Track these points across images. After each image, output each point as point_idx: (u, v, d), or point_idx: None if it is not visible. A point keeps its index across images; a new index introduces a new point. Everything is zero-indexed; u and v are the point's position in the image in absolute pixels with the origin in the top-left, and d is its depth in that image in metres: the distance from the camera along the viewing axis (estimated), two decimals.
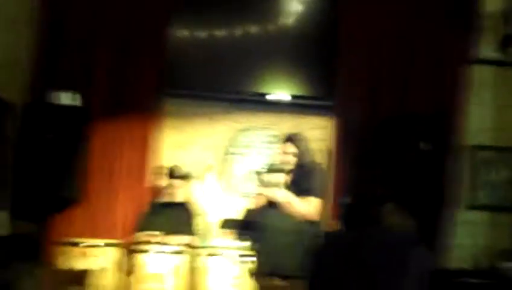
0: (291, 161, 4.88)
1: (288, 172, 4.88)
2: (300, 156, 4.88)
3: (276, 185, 4.78)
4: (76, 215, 5.46)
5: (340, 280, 2.95)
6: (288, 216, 4.80)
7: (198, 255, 5.04)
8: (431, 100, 5.63)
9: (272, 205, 4.88)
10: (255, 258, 4.81)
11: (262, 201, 4.93)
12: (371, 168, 5.44)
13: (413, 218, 4.30)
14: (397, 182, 5.17)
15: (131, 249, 4.93)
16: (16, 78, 5.59)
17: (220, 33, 5.80)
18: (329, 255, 3.09)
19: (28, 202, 5.43)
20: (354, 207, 3.37)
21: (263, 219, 4.93)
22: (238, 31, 5.81)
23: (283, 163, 4.88)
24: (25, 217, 5.45)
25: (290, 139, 4.94)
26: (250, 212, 5.39)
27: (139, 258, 4.79)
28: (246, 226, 5.38)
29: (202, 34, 5.80)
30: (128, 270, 4.79)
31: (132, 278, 4.75)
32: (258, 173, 5.03)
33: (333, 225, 4.84)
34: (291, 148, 4.89)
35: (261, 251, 4.86)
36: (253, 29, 5.80)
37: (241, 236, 5.20)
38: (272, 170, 4.95)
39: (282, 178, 4.81)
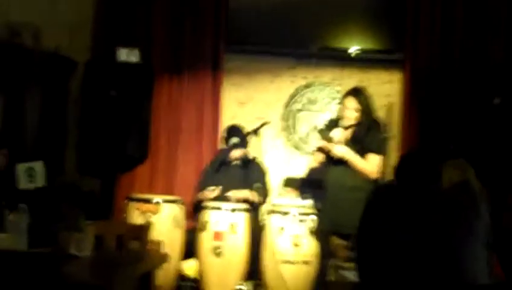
0: (353, 116, 4.67)
1: (349, 128, 4.69)
2: (362, 111, 4.66)
3: (335, 141, 4.60)
4: (139, 172, 5.49)
5: (392, 237, 2.79)
6: (349, 173, 4.63)
7: (259, 213, 5.00)
8: (506, 51, 5.26)
9: (333, 162, 4.72)
10: (316, 217, 4.70)
11: (322, 158, 4.77)
12: (440, 123, 5.17)
13: (482, 175, 4.06)
14: (467, 138, 4.90)
15: (201, 207, 4.91)
16: (78, 37, 5.65)
17: None
18: (379, 210, 2.92)
19: (94, 158, 5.53)
20: (408, 160, 3.18)
21: (324, 176, 4.79)
22: None
23: (345, 118, 4.69)
24: (91, 173, 5.57)
25: (353, 93, 4.72)
26: (312, 170, 5.26)
27: (206, 215, 4.77)
28: (308, 184, 5.26)
29: None
30: (199, 227, 4.77)
31: (201, 235, 4.73)
32: (318, 129, 4.87)
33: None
34: (353, 103, 4.68)
35: (323, 209, 4.74)
36: None
37: (304, 194, 5.09)
38: (331, 125, 4.78)
39: (341, 134, 4.63)
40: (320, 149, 4.75)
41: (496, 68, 5.13)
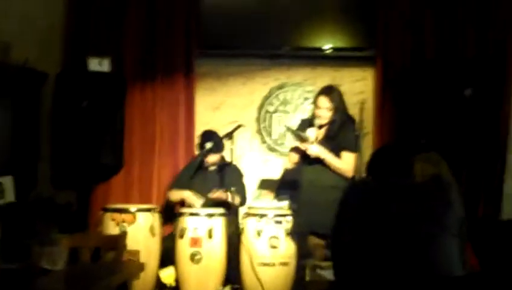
0: (326, 115, 4.66)
1: (322, 126, 4.69)
2: (335, 109, 4.66)
3: (310, 140, 4.59)
4: (114, 182, 5.45)
5: (365, 233, 2.79)
6: (324, 173, 4.63)
7: (238, 217, 4.98)
8: (477, 43, 5.28)
9: (308, 161, 4.71)
10: (292, 218, 4.69)
11: (296, 158, 4.77)
12: (412, 117, 5.18)
13: (456, 168, 4.06)
14: (439, 131, 4.91)
15: (178, 213, 4.89)
16: (49, 49, 5.60)
17: None
18: (354, 205, 2.92)
19: (68, 171, 5.47)
20: (380, 155, 3.18)
21: (300, 177, 4.78)
22: None
23: (318, 117, 4.68)
24: (66, 185, 5.52)
25: (325, 92, 4.71)
26: (287, 171, 5.25)
27: (184, 221, 4.74)
28: (284, 186, 5.25)
29: None
30: (177, 234, 4.74)
31: (179, 242, 4.70)
32: (290, 129, 4.86)
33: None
34: (326, 102, 4.67)
35: (298, 209, 4.73)
36: None
37: (280, 196, 5.08)
38: (305, 125, 4.77)
39: (315, 133, 4.62)
40: (295, 149, 4.75)
41: (466, 60, 5.15)
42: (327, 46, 5.57)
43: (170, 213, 5.17)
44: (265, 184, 5.48)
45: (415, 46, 5.38)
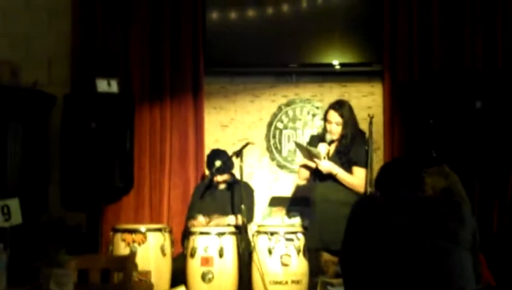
0: (336, 130, 4.64)
1: (332, 142, 4.66)
2: (346, 124, 4.63)
3: (319, 156, 4.56)
4: (124, 202, 5.44)
5: (375, 249, 2.74)
6: (336, 189, 4.60)
7: (246, 234, 4.94)
8: (485, 55, 5.25)
9: (319, 177, 4.67)
10: (304, 235, 4.65)
11: (307, 174, 4.74)
12: (422, 131, 5.14)
13: (468, 181, 4.01)
14: (450, 144, 4.87)
15: (189, 232, 4.86)
16: (57, 71, 5.65)
17: (261, 6, 5.59)
18: (361, 220, 2.88)
19: (79, 192, 5.47)
20: (389, 169, 3.14)
21: (311, 193, 4.75)
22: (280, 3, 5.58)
23: (328, 132, 4.65)
24: (76, 207, 5.51)
25: (335, 107, 4.70)
26: (299, 188, 5.23)
27: (194, 241, 4.71)
28: (295, 202, 5.23)
29: (243, 7, 5.60)
30: (188, 253, 4.71)
31: (189, 262, 4.67)
32: (300, 145, 4.83)
33: None
34: (336, 116, 4.65)
35: (311, 226, 4.69)
36: None
37: (290, 213, 5.05)
38: (314, 141, 4.74)
39: (325, 148, 4.60)
40: (305, 166, 4.72)
41: (475, 72, 5.12)
42: (334, 62, 5.55)
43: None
44: (275, 201, 5.44)
45: (423, 60, 5.35)
